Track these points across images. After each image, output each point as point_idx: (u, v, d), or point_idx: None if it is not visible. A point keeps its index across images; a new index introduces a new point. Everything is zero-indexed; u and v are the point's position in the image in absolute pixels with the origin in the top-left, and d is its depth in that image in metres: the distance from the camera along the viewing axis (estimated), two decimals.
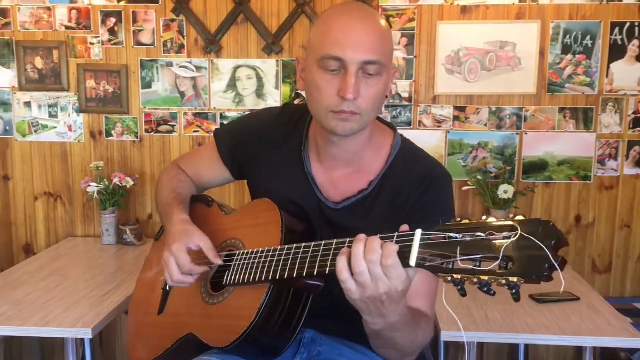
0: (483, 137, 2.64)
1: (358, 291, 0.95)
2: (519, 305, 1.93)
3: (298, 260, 1.04)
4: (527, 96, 2.60)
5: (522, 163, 2.64)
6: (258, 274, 1.10)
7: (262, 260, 1.11)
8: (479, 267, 0.80)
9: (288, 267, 1.04)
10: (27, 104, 2.71)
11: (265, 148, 1.34)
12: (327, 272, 0.99)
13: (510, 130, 2.63)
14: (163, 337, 1.28)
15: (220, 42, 2.62)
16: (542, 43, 2.55)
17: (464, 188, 2.63)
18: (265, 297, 1.08)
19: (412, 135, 2.68)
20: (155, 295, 1.37)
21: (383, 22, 1.18)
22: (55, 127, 2.73)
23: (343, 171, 1.27)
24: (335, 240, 1.01)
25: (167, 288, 1.34)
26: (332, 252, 1.00)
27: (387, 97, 1.23)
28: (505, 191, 2.49)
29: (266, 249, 1.13)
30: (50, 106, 2.71)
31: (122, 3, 2.62)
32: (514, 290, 0.77)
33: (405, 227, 0.94)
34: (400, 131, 1.35)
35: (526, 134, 2.62)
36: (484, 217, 0.83)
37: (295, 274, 1.03)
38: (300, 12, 2.56)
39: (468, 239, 0.82)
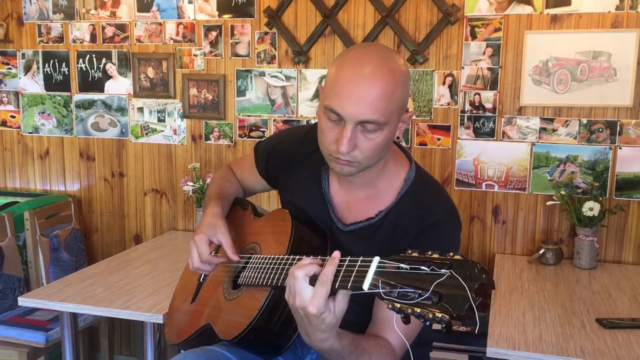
0: (572, 150, 2.53)
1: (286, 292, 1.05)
2: (582, 328, 1.85)
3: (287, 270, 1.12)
4: (622, 109, 2.45)
5: (615, 179, 2.49)
6: (261, 278, 1.20)
7: (267, 266, 1.21)
8: (417, 299, 0.83)
9: (282, 275, 1.14)
10: (140, 109, 3.03)
11: (292, 164, 1.44)
12: None
13: (603, 144, 2.49)
14: (190, 324, 1.42)
15: (308, 53, 2.75)
16: None
17: (548, 203, 2.53)
18: (265, 300, 1.19)
19: (495, 147, 2.69)
20: (193, 285, 1.52)
21: (398, 69, 1.16)
22: (162, 131, 3.02)
23: (359, 195, 1.32)
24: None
25: (201, 280, 1.48)
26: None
27: (398, 138, 1.26)
28: (591, 208, 2.37)
29: (271, 256, 1.23)
30: (159, 111, 3.01)
31: (223, 17, 2.85)
32: (443, 325, 0.80)
33: (337, 253, 1.01)
34: (483, 142, 1.35)
35: (620, 148, 2.47)
36: (429, 253, 0.87)
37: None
38: (385, 24, 2.62)
39: (413, 271, 0.85)
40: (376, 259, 0.92)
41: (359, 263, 0.95)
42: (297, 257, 1.12)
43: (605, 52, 2.44)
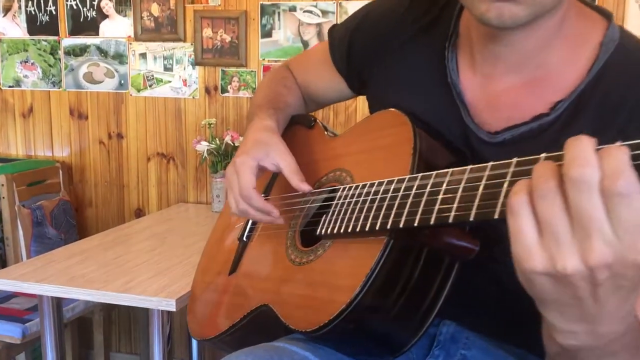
0: None
1: (544, 255, 0.46)
2: None
3: (439, 199, 0.60)
4: None
5: None
6: (370, 220, 0.68)
7: (378, 198, 0.69)
8: None
9: (420, 208, 0.61)
10: (142, 56, 2.51)
11: (393, 45, 0.89)
12: (495, 216, 0.53)
13: None
14: (231, 307, 0.90)
15: None
16: None
17: None
18: (379, 258, 0.66)
19: None
20: (231, 248, 1.00)
21: None
22: (170, 82, 2.51)
23: (511, 82, 0.77)
24: (515, 160, 0.54)
25: (244, 238, 0.96)
26: (505, 183, 0.53)
27: None
28: None
29: (385, 180, 0.70)
30: (165, 58, 2.49)
31: None
32: None
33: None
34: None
35: None
36: None
37: (433, 221, 0.60)
38: None
39: None
40: None
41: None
42: (436, 172, 0.60)
43: None
